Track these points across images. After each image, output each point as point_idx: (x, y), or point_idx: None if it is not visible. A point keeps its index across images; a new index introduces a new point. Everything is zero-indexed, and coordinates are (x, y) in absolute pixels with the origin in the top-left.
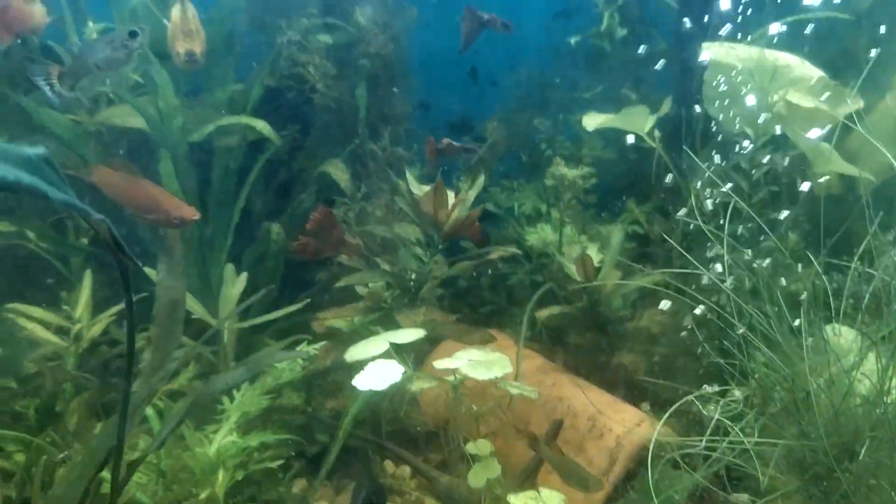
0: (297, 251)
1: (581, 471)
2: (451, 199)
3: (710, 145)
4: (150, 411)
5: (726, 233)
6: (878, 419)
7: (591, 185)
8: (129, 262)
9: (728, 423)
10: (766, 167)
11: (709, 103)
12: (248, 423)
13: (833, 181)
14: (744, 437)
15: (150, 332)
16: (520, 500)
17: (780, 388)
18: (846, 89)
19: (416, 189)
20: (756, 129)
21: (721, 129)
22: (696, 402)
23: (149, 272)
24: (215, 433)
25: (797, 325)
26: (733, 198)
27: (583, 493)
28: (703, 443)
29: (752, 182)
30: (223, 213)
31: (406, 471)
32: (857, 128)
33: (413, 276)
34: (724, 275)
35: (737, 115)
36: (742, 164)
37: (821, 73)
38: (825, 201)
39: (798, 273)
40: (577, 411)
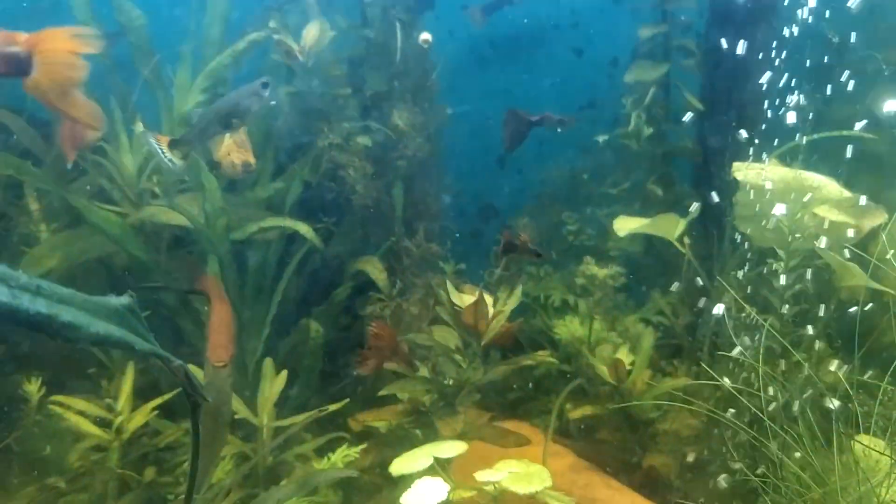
0: (361, 369)
1: None
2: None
3: (738, 254)
4: None
5: (762, 348)
6: None
7: (619, 284)
8: (201, 400)
9: None
10: (796, 286)
11: (739, 220)
12: None
13: (860, 291)
14: None
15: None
16: None
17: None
18: (872, 204)
19: (456, 299)
20: (786, 248)
21: (750, 242)
22: None
23: (195, 370)
24: None
25: (828, 438)
26: (764, 321)
27: None
28: None
29: (782, 299)
30: (260, 304)
31: None
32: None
33: (451, 382)
34: (758, 386)
35: (766, 232)
36: (773, 283)
37: (848, 192)
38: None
39: (826, 387)
40: None
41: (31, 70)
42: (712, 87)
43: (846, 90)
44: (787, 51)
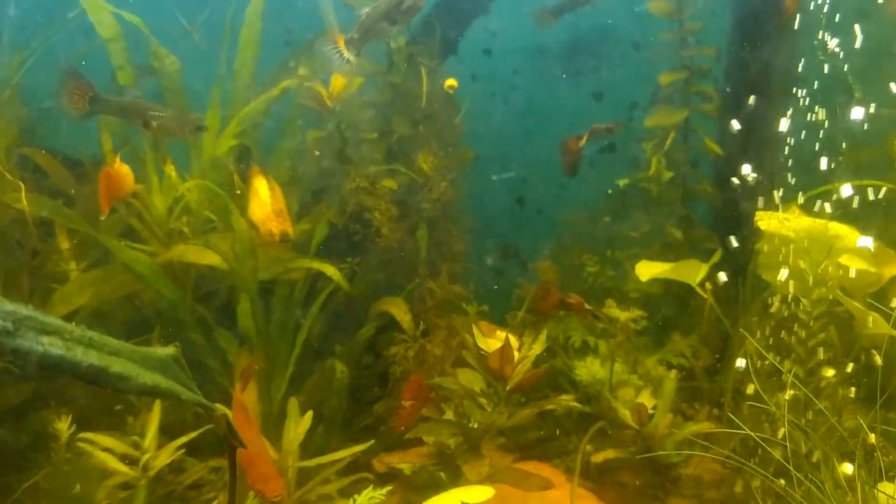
0: (399, 424)
1: None
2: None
3: (760, 300)
4: None
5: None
6: None
7: (641, 327)
8: (238, 446)
9: None
10: (820, 334)
11: (763, 268)
12: None
13: (881, 339)
14: None
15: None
16: None
17: None
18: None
19: (482, 343)
20: (810, 298)
21: (773, 291)
22: None
23: (222, 409)
24: None
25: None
26: (788, 371)
27: None
28: None
29: (807, 349)
30: (284, 343)
31: None
32: None
33: (476, 425)
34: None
35: (790, 281)
36: (797, 330)
37: (870, 241)
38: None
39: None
40: None
41: None
42: (730, 132)
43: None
44: (806, 96)
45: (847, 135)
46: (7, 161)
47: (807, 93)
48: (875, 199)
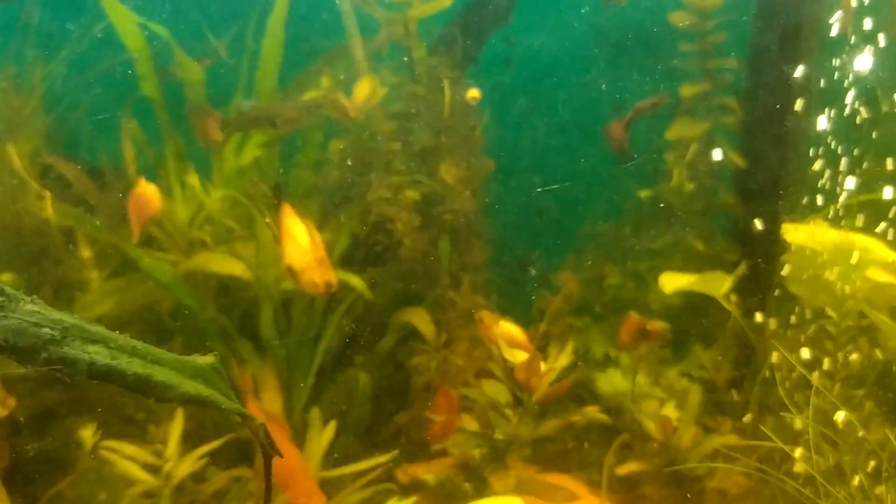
0: (434, 438)
1: None
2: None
3: (784, 312)
4: None
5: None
6: None
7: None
8: (276, 454)
9: None
10: (848, 346)
11: (789, 281)
12: None
13: None
14: None
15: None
16: None
17: None
18: None
19: (508, 354)
20: (839, 311)
21: (800, 303)
22: None
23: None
24: None
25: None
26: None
27: None
28: None
29: (833, 359)
30: (304, 353)
31: None
32: None
33: (502, 437)
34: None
35: (818, 293)
36: (825, 343)
37: None
38: None
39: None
40: None
41: None
42: (753, 144)
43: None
44: (831, 108)
45: (872, 148)
46: (31, 170)
47: (833, 106)
48: None
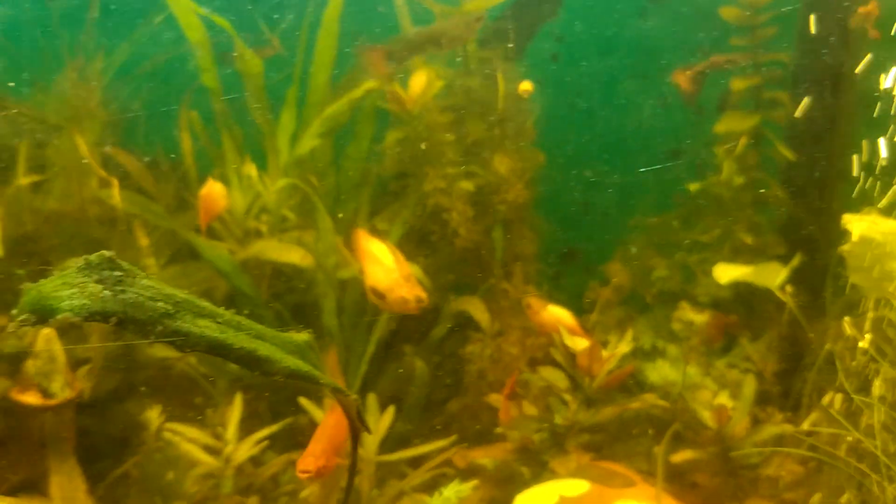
0: (507, 423)
1: None
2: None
3: (842, 302)
4: None
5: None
6: None
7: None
8: (364, 430)
9: None
10: None
11: (851, 271)
12: None
13: None
14: None
15: None
16: None
17: None
18: None
19: (569, 342)
20: None
21: (862, 293)
22: None
23: (303, 402)
24: None
25: None
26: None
27: None
28: None
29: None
30: (357, 341)
31: None
32: None
33: (562, 422)
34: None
35: (881, 283)
36: (888, 332)
37: None
38: None
39: None
40: None
41: None
42: (803, 137)
43: None
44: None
45: None
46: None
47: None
48: None
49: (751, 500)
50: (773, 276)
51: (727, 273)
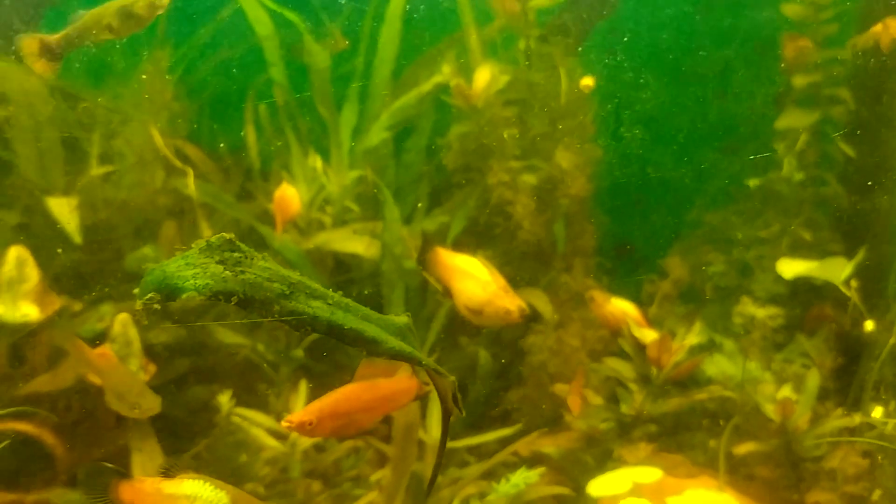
0: (576, 411)
1: None
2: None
3: None
4: None
5: None
6: None
7: (778, 325)
8: (459, 412)
9: None
10: None
11: None
12: None
13: None
14: None
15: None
16: None
17: None
18: None
19: (639, 333)
20: None
21: None
22: None
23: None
24: None
25: None
26: None
27: None
28: None
29: None
30: (419, 331)
31: None
32: None
33: (630, 412)
34: None
35: None
36: None
37: None
38: None
39: None
40: None
41: None
42: (863, 134)
43: None
44: None
45: None
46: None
47: None
48: None
49: (812, 492)
50: (838, 271)
51: (791, 268)
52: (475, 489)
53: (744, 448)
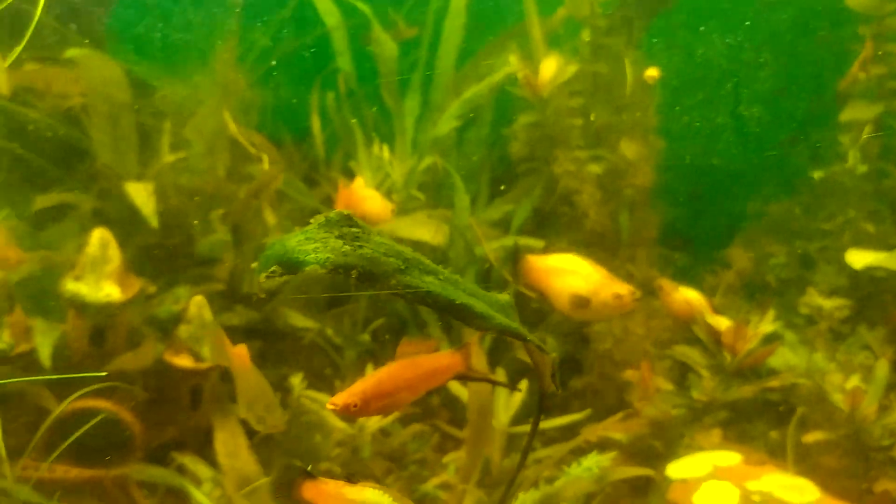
0: (645, 398)
1: None
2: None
3: None
4: None
5: None
6: None
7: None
8: (557, 389)
9: None
10: None
11: None
12: None
13: None
14: None
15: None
16: None
17: None
18: None
19: (711, 320)
20: None
21: None
22: None
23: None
24: None
25: None
26: None
27: None
28: None
29: None
30: None
31: None
32: None
33: (702, 399)
34: None
35: None
36: None
37: None
38: None
39: None
40: None
41: None
42: None
43: None
44: None
45: None
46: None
47: None
48: None
49: (881, 481)
50: None
51: (861, 258)
52: (546, 473)
53: (812, 437)
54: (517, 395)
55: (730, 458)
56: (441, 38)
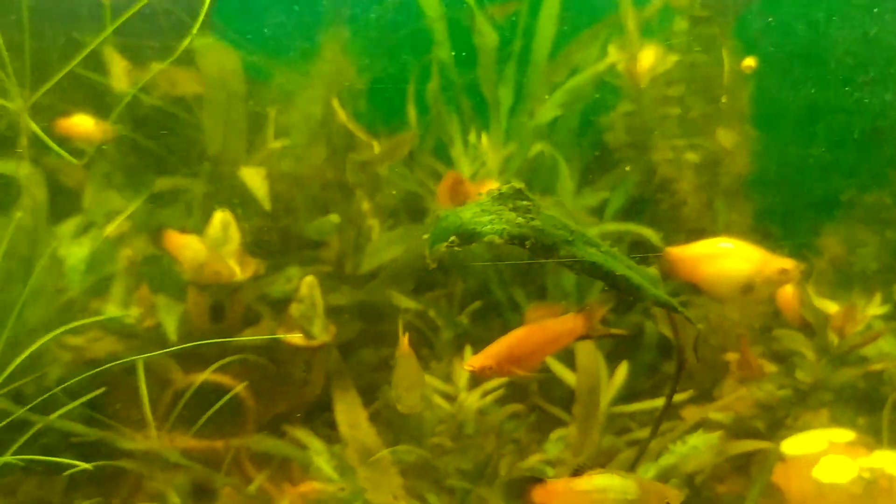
0: (748, 378)
1: None
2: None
3: None
4: None
5: None
6: None
7: None
8: (694, 360)
9: None
10: None
11: None
12: None
13: None
14: None
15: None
16: None
17: None
18: None
19: (818, 304)
20: None
21: None
22: None
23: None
24: None
25: None
26: None
27: None
28: None
29: None
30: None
31: None
32: None
33: (807, 381)
34: None
35: None
36: None
37: None
38: None
39: None
40: None
41: None
42: None
43: None
44: None
45: None
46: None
47: None
48: None
49: None
50: None
51: None
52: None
53: None
54: (618, 377)
55: (844, 435)
56: (535, 29)
